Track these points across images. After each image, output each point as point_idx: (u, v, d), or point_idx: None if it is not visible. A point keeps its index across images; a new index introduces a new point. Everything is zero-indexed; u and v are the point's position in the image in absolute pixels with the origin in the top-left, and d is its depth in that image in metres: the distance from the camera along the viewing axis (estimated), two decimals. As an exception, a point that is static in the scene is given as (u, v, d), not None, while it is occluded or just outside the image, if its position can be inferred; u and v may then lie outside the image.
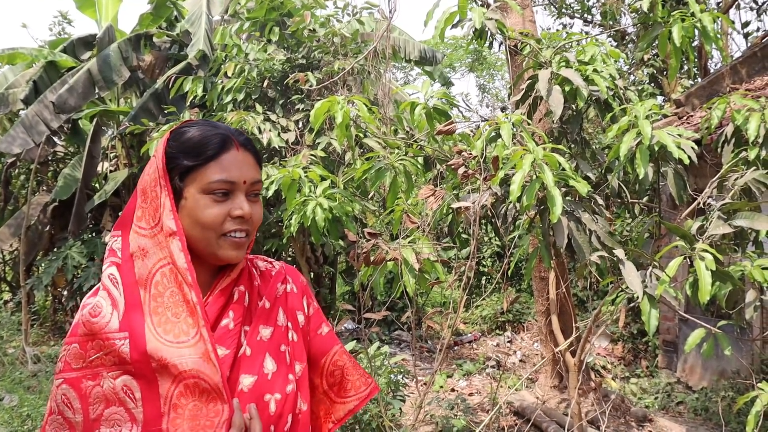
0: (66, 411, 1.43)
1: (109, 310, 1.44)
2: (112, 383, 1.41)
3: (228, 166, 1.47)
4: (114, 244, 1.52)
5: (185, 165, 1.47)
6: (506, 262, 4.39)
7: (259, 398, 1.49)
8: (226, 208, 1.47)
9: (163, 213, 1.45)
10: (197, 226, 1.47)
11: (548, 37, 5.43)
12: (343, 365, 1.76)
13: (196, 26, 10.68)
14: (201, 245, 1.49)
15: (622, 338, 9.72)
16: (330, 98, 4.53)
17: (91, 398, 1.41)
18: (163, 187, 1.47)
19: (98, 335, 1.42)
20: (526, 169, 3.59)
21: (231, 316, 1.53)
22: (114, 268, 1.50)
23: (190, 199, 1.47)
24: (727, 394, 7.00)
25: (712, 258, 3.41)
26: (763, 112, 4.34)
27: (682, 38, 4.27)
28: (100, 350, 1.42)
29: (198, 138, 1.48)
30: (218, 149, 1.48)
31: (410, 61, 12.32)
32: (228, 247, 1.49)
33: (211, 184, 1.46)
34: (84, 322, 1.45)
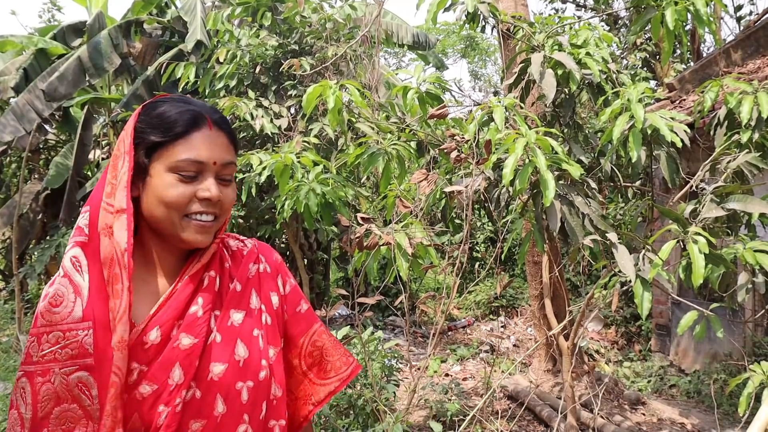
0: (21, 406, 1.35)
1: (72, 298, 1.35)
2: (64, 380, 1.32)
3: (198, 144, 1.40)
4: (81, 220, 1.42)
5: (152, 141, 1.40)
6: (499, 247, 4.39)
7: (231, 386, 1.43)
8: (193, 189, 1.40)
9: (118, 190, 1.38)
10: (161, 205, 1.39)
11: (541, 21, 5.42)
12: (322, 345, 1.69)
13: (192, 15, 10.61)
14: (164, 226, 1.42)
15: (616, 322, 9.75)
16: (322, 83, 4.51)
17: (40, 395, 1.33)
18: (126, 162, 1.39)
19: (58, 326, 1.34)
20: (519, 152, 3.58)
21: (200, 303, 1.45)
22: (78, 249, 1.39)
23: (155, 177, 1.39)
24: (720, 377, 7.04)
25: (705, 241, 3.41)
26: (756, 95, 4.34)
27: (674, 21, 4.25)
28: (56, 343, 1.33)
29: (168, 113, 1.41)
30: (188, 126, 1.40)
31: (403, 46, 12.29)
32: (192, 230, 1.42)
33: (178, 162, 1.38)
34: (43, 312, 1.36)
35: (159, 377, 1.37)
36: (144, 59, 11.64)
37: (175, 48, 10.93)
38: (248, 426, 1.46)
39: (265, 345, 1.53)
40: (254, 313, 1.54)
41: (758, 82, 4.52)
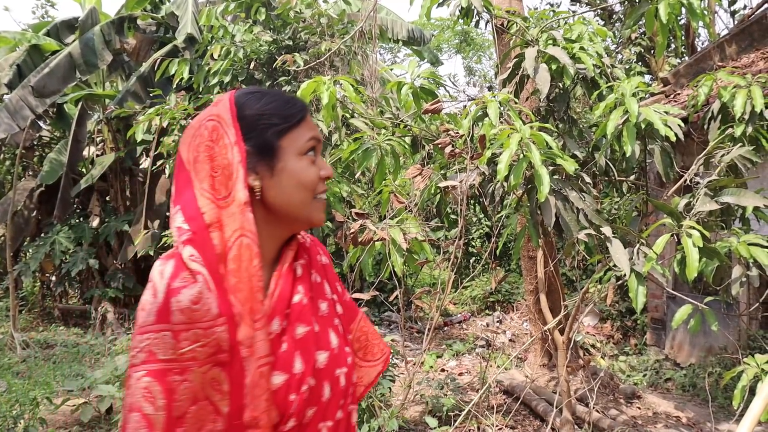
0: (145, 407, 1.30)
1: (207, 295, 1.32)
2: (202, 378, 1.31)
3: (312, 126, 1.45)
4: (178, 219, 1.39)
5: (283, 125, 1.41)
6: (493, 242, 4.39)
7: (331, 373, 1.46)
8: (317, 168, 1.44)
9: (236, 183, 1.36)
10: (299, 189, 1.41)
11: (535, 15, 5.41)
12: (367, 330, 1.74)
13: (183, 9, 10.60)
14: (298, 210, 1.43)
15: (611, 316, 9.77)
16: (316, 79, 4.51)
17: (177, 394, 1.30)
18: (236, 155, 1.37)
19: (197, 324, 1.31)
20: (513, 148, 3.58)
21: (301, 291, 1.48)
22: (190, 247, 1.35)
23: (290, 162, 1.41)
24: (715, 370, 7.06)
25: (699, 235, 3.42)
26: (750, 88, 4.35)
27: (668, 15, 4.25)
28: (196, 341, 1.30)
29: (282, 101, 1.43)
30: (303, 110, 1.45)
31: (398, 41, 12.27)
32: (319, 209, 1.46)
33: (307, 143, 1.42)
34: (183, 309, 1.31)
35: (286, 367, 1.39)
36: (138, 55, 11.62)
37: (170, 44, 10.91)
38: (340, 410, 1.49)
39: (344, 332, 1.57)
40: (331, 302, 1.58)
41: (752, 76, 4.53)
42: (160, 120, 8.70)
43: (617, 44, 12.45)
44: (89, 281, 12.09)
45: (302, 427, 1.40)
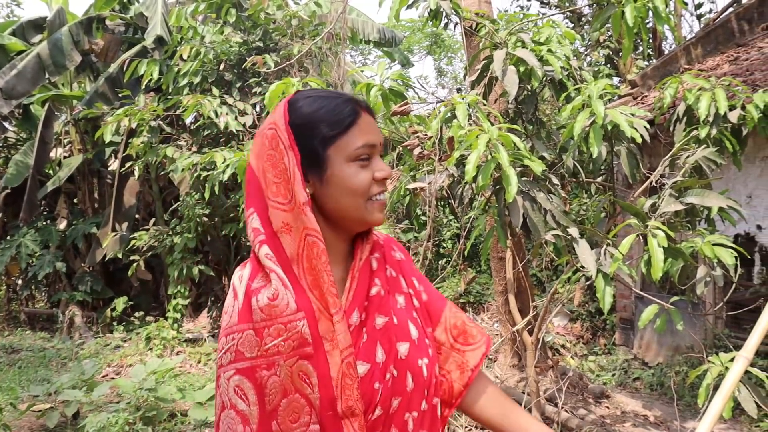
0: (239, 403, 1.39)
1: (284, 291, 1.39)
2: (288, 371, 1.37)
3: (365, 130, 1.46)
4: (253, 222, 1.46)
5: (328, 134, 1.43)
6: (461, 243, 4.41)
7: (413, 364, 1.50)
8: (370, 172, 1.46)
9: (295, 184, 1.41)
10: (348, 195, 1.44)
11: (504, 18, 5.44)
12: (461, 316, 1.72)
13: (152, 10, 10.52)
14: (350, 213, 1.46)
15: (581, 317, 9.85)
16: (285, 81, 4.49)
17: (267, 388, 1.37)
18: (292, 159, 1.42)
19: (278, 319, 1.38)
20: (481, 149, 3.60)
21: (378, 284, 1.53)
22: (267, 247, 1.42)
23: (336, 170, 1.44)
24: (682, 369, 7.14)
25: (664, 235, 3.46)
26: (714, 91, 4.40)
27: (634, 18, 4.29)
28: (278, 336, 1.38)
29: (332, 106, 1.45)
30: (354, 115, 1.46)
31: (369, 43, 12.28)
32: (376, 210, 1.47)
33: (356, 150, 1.44)
34: (262, 307, 1.39)
35: (369, 356, 1.44)
36: (107, 56, 11.51)
37: (139, 45, 10.82)
38: (425, 401, 1.51)
39: (423, 325, 1.60)
40: (409, 296, 1.61)
41: (716, 79, 4.59)
42: (128, 121, 8.64)
43: (586, 47, 12.56)
44: (56, 284, 11.96)
45: (389, 417, 1.45)
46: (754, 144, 6.69)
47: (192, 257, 9.97)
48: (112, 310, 11.00)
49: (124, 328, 10.73)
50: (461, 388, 1.65)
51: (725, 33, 8.66)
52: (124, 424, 5.29)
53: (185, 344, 9.60)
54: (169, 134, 9.12)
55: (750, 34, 8.68)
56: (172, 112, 8.83)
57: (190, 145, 8.99)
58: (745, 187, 7.03)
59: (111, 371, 8.43)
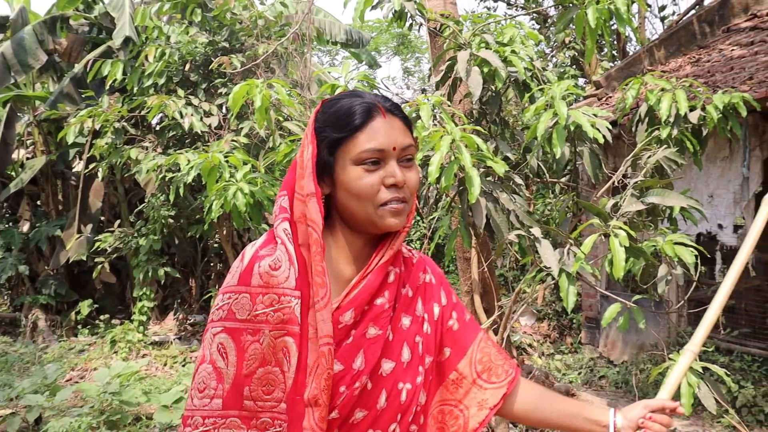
0: (218, 360, 1.41)
1: (287, 266, 1.43)
2: (272, 342, 1.40)
3: (376, 134, 1.45)
4: (282, 201, 1.50)
5: (333, 137, 1.46)
6: (425, 244, 4.41)
7: (394, 385, 1.51)
8: (379, 177, 1.45)
9: (305, 175, 1.45)
10: (353, 198, 1.46)
11: (469, 18, 5.46)
12: (489, 351, 1.71)
13: (119, 10, 10.39)
14: (360, 217, 1.48)
15: (548, 316, 9.92)
16: (248, 82, 4.47)
17: (248, 353, 1.40)
18: (309, 153, 1.47)
19: (274, 289, 1.41)
20: (444, 150, 3.60)
21: (386, 296, 1.53)
22: (287, 224, 1.47)
23: (342, 172, 1.46)
24: (646, 367, 7.23)
25: (625, 235, 3.49)
26: (675, 92, 4.46)
27: (596, 20, 4.34)
28: (270, 305, 1.40)
29: (344, 109, 1.47)
30: (364, 118, 1.46)
31: (336, 44, 12.25)
32: (388, 216, 1.47)
33: (361, 154, 1.44)
34: (262, 273, 1.42)
35: (346, 359, 1.46)
36: (70, 56, 11.35)
37: (104, 45, 10.69)
38: (398, 425, 1.52)
39: (423, 352, 1.60)
40: (418, 320, 1.61)
41: (677, 80, 4.65)
42: (92, 122, 8.53)
43: (552, 48, 12.65)
44: (19, 288, 11.77)
45: (349, 426, 1.46)
46: (714, 144, 6.79)
47: (158, 259, 9.88)
48: (77, 313, 10.86)
49: (89, 331, 10.59)
50: (476, 425, 1.66)
51: (687, 35, 8.79)
52: (88, 428, 5.23)
53: (151, 347, 9.51)
54: (133, 135, 9.03)
55: (711, 36, 8.83)
56: (137, 113, 8.74)
57: (155, 147, 8.91)
58: (706, 186, 7.13)
59: (75, 375, 8.32)
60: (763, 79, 6.34)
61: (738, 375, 6.50)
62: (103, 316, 10.60)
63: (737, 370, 6.62)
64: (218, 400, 1.40)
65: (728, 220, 6.98)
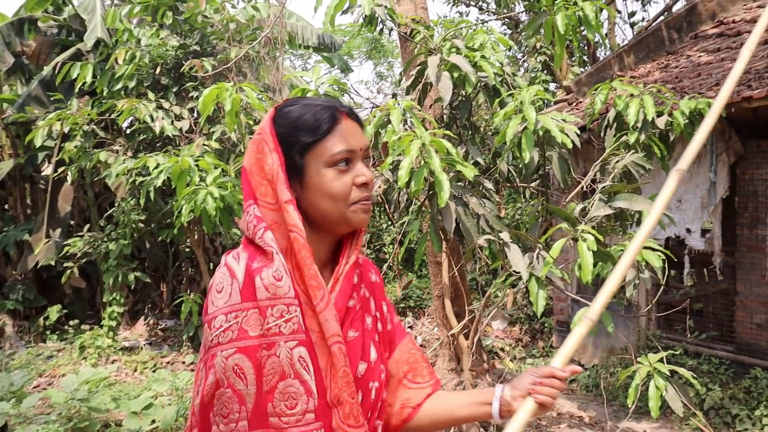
0: (237, 383, 1.39)
1: (287, 275, 1.43)
2: (288, 353, 1.40)
3: (344, 136, 1.48)
4: (255, 210, 1.49)
5: (303, 142, 1.47)
6: (396, 249, 4.42)
7: (365, 385, 1.53)
8: (350, 178, 1.48)
9: (278, 184, 1.46)
10: (328, 199, 1.47)
11: (440, 23, 5.48)
12: (416, 353, 1.75)
13: (91, 13, 10.29)
14: (332, 217, 1.49)
15: (520, 320, 9.97)
16: (218, 85, 4.45)
17: (266, 368, 1.39)
18: (275, 161, 1.47)
19: (281, 300, 1.41)
20: (414, 154, 3.61)
21: (356, 297, 1.57)
22: (270, 233, 1.46)
23: (314, 176, 1.47)
24: (616, 370, 7.28)
25: (593, 239, 3.52)
26: (642, 98, 4.51)
27: (565, 26, 4.37)
28: (281, 317, 1.40)
29: (310, 114, 1.49)
30: (332, 122, 1.48)
31: (308, 48, 12.24)
32: (359, 212, 1.49)
33: (334, 156, 1.46)
34: (268, 285, 1.41)
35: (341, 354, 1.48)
36: (39, 58, 11.22)
37: (73, 47, 10.59)
38: (365, 422, 1.52)
39: (383, 350, 1.64)
40: (376, 319, 1.64)
41: (644, 86, 4.70)
42: (61, 125, 8.43)
43: (523, 53, 12.74)
44: (-14, 293, 11.60)
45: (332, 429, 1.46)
46: (682, 149, 6.81)
47: (128, 264, 9.78)
48: (45, 318, 10.71)
49: (58, 337, 10.46)
50: (398, 423, 1.69)
51: (656, 41, 8.89)
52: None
53: (121, 352, 9.40)
54: (103, 139, 8.94)
55: (679, 43, 8.94)
56: (107, 116, 8.66)
57: (125, 150, 8.83)
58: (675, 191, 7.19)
59: (43, 382, 8.21)
60: (730, 85, 6.41)
61: (706, 378, 6.58)
62: (73, 321, 10.47)
63: (705, 373, 6.69)
64: (244, 422, 1.39)
65: (696, 225, 7.06)
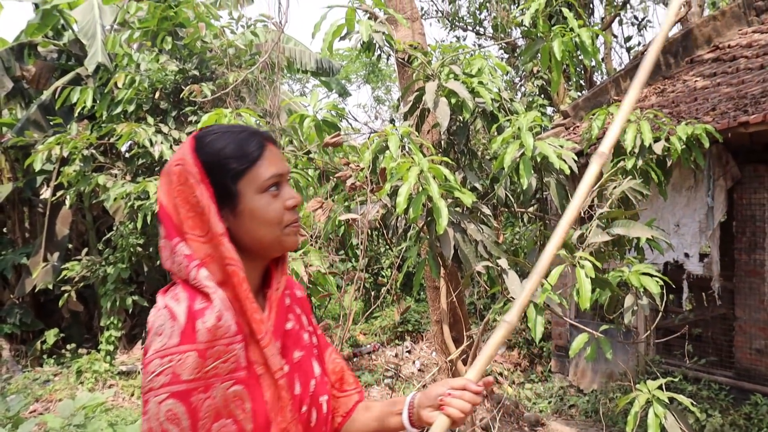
0: (171, 430, 1.34)
1: (227, 314, 1.39)
2: (224, 393, 1.37)
3: (273, 160, 1.48)
4: (183, 249, 1.44)
5: (237, 169, 1.45)
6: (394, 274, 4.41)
7: (316, 400, 1.55)
8: (281, 201, 1.48)
9: (210, 216, 1.42)
10: (264, 225, 1.46)
11: (437, 48, 5.51)
12: (340, 362, 1.76)
13: (92, 38, 10.35)
14: (267, 243, 1.48)
15: (518, 344, 9.93)
16: (217, 111, 4.46)
17: (201, 412, 1.35)
18: (204, 192, 1.43)
19: (220, 341, 1.37)
20: (412, 181, 3.61)
21: (293, 319, 1.58)
22: (205, 270, 1.42)
23: (249, 202, 1.45)
24: (615, 396, 7.24)
25: (591, 266, 3.52)
26: (639, 123, 4.52)
27: (561, 53, 4.40)
28: (218, 358, 1.36)
29: (237, 142, 1.47)
30: (260, 148, 1.47)
31: (307, 72, 12.30)
32: (291, 235, 1.50)
33: (267, 180, 1.45)
34: (209, 328, 1.36)
35: (289, 388, 1.48)
36: (38, 83, 11.28)
37: (72, 72, 10.64)
38: None
39: (322, 363, 1.66)
40: (309, 333, 1.65)
41: (640, 111, 4.72)
42: (60, 149, 8.46)
43: (520, 77, 12.81)
44: (-17, 317, 11.56)
45: None
46: (679, 174, 6.89)
47: (126, 288, 9.77)
48: (43, 342, 10.68)
49: (55, 361, 10.42)
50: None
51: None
52: (50, 462, 5.12)
53: (118, 377, 9.37)
54: (102, 163, 8.96)
55: (675, 67, 8.99)
56: (106, 140, 8.68)
57: (124, 174, 8.85)
58: (673, 215, 7.21)
59: (39, 407, 8.17)
60: (725, 110, 6.45)
61: (705, 403, 6.54)
62: (70, 345, 10.43)
63: (705, 399, 6.66)
64: None
65: (694, 249, 7.06)
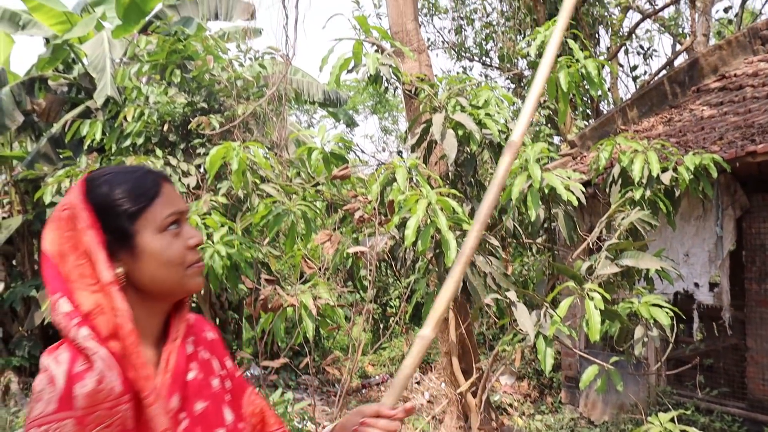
0: None
1: (110, 374, 1.29)
2: None
3: (170, 198, 1.42)
4: (64, 306, 1.33)
5: (133, 209, 1.37)
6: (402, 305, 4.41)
7: None
8: (183, 240, 1.41)
9: (98, 264, 1.33)
10: (165, 267, 1.38)
11: (444, 79, 5.54)
12: (260, 403, 1.70)
13: (101, 71, 10.46)
14: (169, 285, 1.40)
15: (528, 375, 9.85)
16: (225, 144, 4.49)
17: None
18: (93, 238, 1.35)
19: (102, 405, 1.28)
20: (420, 214, 3.62)
21: (196, 368, 1.48)
22: (86, 329, 1.30)
23: (148, 243, 1.37)
24: (627, 428, 7.16)
25: (600, 298, 3.50)
26: (646, 154, 4.53)
27: (568, 84, 4.42)
28: (99, 423, 1.28)
29: (131, 182, 1.40)
30: (156, 186, 1.41)
31: (314, 103, 12.37)
32: (196, 275, 1.43)
33: (165, 219, 1.38)
34: (88, 393, 1.27)
35: None
36: (49, 116, 11.37)
37: (82, 105, 10.73)
38: None
39: (237, 408, 1.58)
40: (221, 378, 1.56)
41: (648, 141, 4.72)
42: (70, 182, 8.50)
43: (527, 108, 12.82)
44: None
45: None
46: (688, 204, 6.87)
47: (134, 320, 9.76)
48: (51, 375, 10.64)
49: (63, 394, 10.38)
50: None
51: (659, 95, 8.97)
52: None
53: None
54: (111, 195, 9.00)
55: (682, 96, 9.01)
56: (115, 173, 8.72)
57: (132, 206, 8.89)
58: (682, 245, 7.18)
59: (47, 441, 8.11)
60: (733, 139, 6.45)
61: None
62: (78, 378, 10.40)
63: (717, 431, 6.58)
64: None
65: (704, 279, 7.02)
